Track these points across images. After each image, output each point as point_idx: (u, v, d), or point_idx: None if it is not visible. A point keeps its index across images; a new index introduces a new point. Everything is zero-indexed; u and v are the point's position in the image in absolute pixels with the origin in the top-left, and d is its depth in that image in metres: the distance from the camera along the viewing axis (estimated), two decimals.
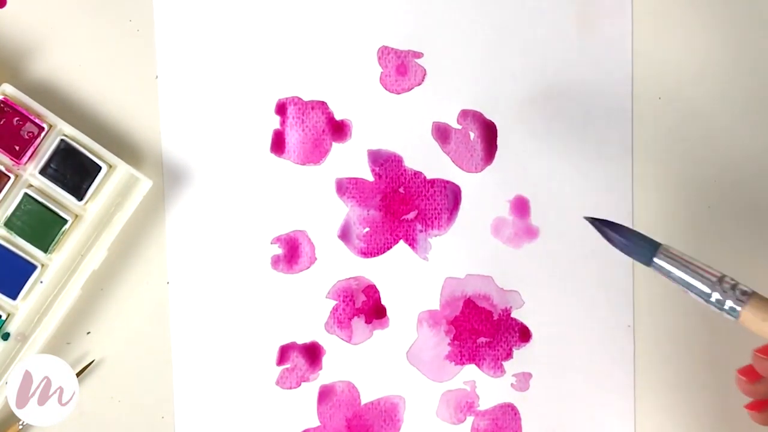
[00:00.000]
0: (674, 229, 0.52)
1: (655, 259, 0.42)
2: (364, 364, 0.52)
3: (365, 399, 0.52)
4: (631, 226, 0.52)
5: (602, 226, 0.44)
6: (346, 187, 0.51)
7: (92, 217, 0.49)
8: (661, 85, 0.52)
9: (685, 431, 0.52)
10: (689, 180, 0.52)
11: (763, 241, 0.53)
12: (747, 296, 0.41)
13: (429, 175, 0.51)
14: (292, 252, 0.51)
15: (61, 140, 0.48)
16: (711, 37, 0.52)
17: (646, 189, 0.52)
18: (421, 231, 0.51)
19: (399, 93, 0.51)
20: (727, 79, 0.52)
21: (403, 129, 0.51)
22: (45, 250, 0.49)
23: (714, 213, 0.53)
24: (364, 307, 0.52)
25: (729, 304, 0.41)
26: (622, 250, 0.43)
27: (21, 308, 0.49)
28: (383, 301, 0.52)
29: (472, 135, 0.51)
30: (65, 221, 0.48)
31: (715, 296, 0.41)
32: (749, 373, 0.42)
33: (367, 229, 0.51)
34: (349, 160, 0.51)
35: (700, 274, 0.42)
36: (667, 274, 0.42)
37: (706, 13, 0.52)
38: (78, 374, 0.50)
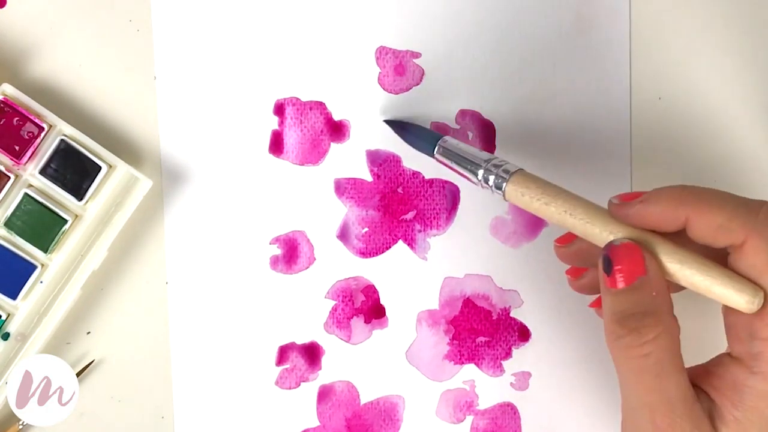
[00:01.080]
0: None
1: (435, 152, 0.47)
2: (363, 364, 0.52)
3: (365, 399, 0.52)
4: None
5: (397, 125, 0.50)
6: (345, 188, 0.51)
7: (92, 217, 0.49)
8: (661, 86, 0.52)
9: None
10: (689, 180, 0.52)
11: None
12: (510, 174, 0.44)
13: (427, 175, 0.51)
14: (290, 252, 0.51)
15: (61, 140, 0.48)
16: (711, 37, 0.52)
17: (645, 188, 0.52)
18: (419, 231, 0.52)
19: (397, 93, 0.51)
20: (727, 78, 0.52)
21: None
22: (45, 250, 0.49)
23: None
24: (363, 307, 0.52)
25: (492, 180, 0.44)
26: (410, 144, 0.49)
27: (21, 308, 0.49)
28: (382, 301, 0.52)
29: (470, 134, 0.51)
30: (65, 221, 0.49)
31: (480, 173, 0.45)
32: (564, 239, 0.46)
33: (366, 229, 0.51)
34: (348, 160, 0.51)
35: (471, 158, 0.46)
36: (447, 164, 0.47)
37: (705, 13, 0.52)
38: (78, 374, 0.50)
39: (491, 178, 0.44)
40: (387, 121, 0.50)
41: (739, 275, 0.39)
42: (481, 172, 0.45)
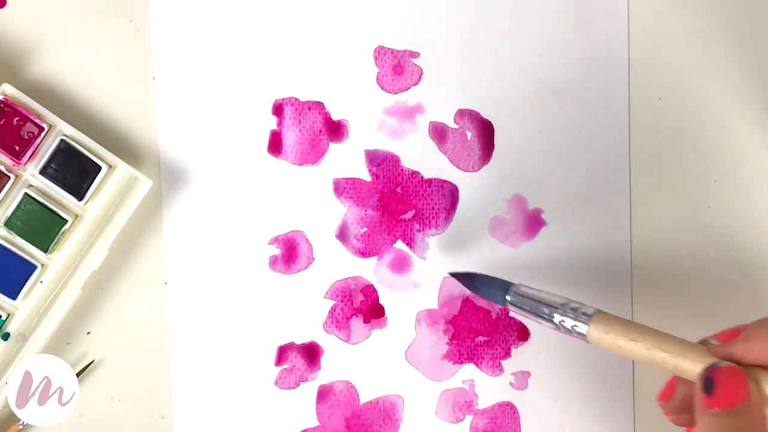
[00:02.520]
0: (674, 230, 0.52)
1: (507, 297, 0.46)
2: (362, 364, 0.52)
3: (364, 398, 0.52)
4: (629, 226, 0.52)
5: (464, 279, 0.49)
6: (344, 187, 0.51)
7: (92, 217, 0.49)
8: (660, 86, 0.52)
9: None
10: (689, 180, 0.52)
11: (763, 240, 0.53)
12: (589, 316, 0.43)
13: (426, 175, 0.52)
14: (290, 252, 0.51)
15: (61, 140, 0.48)
16: (710, 37, 0.52)
17: (644, 189, 0.52)
18: (418, 230, 0.52)
19: (396, 93, 0.51)
20: (726, 78, 0.52)
21: (400, 129, 0.51)
22: (45, 250, 0.49)
23: (714, 213, 0.52)
24: (362, 306, 0.52)
25: (572, 323, 0.44)
26: (482, 296, 0.49)
27: (21, 308, 0.49)
28: (381, 301, 0.52)
29: (469, 134, 0.52)
30: (65, 221, 0.49)
31: (558, 318, 0.44)
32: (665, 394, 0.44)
33: (365, 229, 0.51)
34: (346, 160, 0.51)
35: (546, 303, 0.45)
36: (521, 310, 0.46)
37: (705, 13, 0.52)
38: (78, 374, 0.50)
39: (568, 321, 0.44)
40: (453, 274, 0.50)
41: None
42: (558, 318, 0.44)
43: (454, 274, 0.49)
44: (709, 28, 0.52)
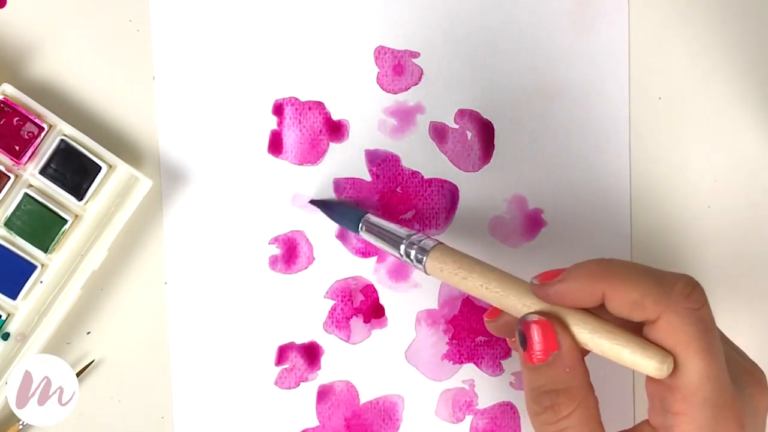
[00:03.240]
0: (674, 229, 0.52)
1: (359, 226, 0.49)
2: (362, 364, 0.52)
3: (364, 398, 0.52)
4: (629, 226, 0.52)
5: (321, 205, 0.51)
6: (344, 187, 0.51)
7: (92, 217, 0.49)
8: (660, 85, 0.52)
9: None
10: (689, 180, 0.52)
11: (763, 241, 0.53)
12: (428, 250, 0.46)
13: (426, 175, 0.52)
14: (290, 252, 0.51)
15: (61, 140, 0.48)
16: (710, 37, 0.52)
17: (644, 188, 0.52)
18: (418, 230, 0.52)
19: (396, 93, 0.51)
20: (726, 78, 0.52)
21: (400, 129, 0.51)
22: (45, 250, 0.49)
23: (714, 213, 0.52)
24: (362, 306, 0.52)
25: (414, 255, 0.46)
26: (338, 223, 0.51)
27: (21, 308, 0.49)
28: (381, 301, 0.52)
29: (469, 134, 0.52)
30: (65, 221, 0.49)
31: (402, 250, 0.47)
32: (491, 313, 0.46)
33: None
34: (347, 160, 0.51)
35: (393, 234, 0.48)
36: (374, 240, 0.49)
37: (705, 13, 0.52)
38: (78, 374, 0.50)
39: (412, 253, 0.46)
40: (313, 201, 0.51)
41: (649, 342, 0.40)
42: (402, 248, 0.47)
43: (314, 202, 0.51)
44: (709, 27, 0.52)
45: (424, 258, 0.45)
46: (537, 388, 0.41)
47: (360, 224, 0.49)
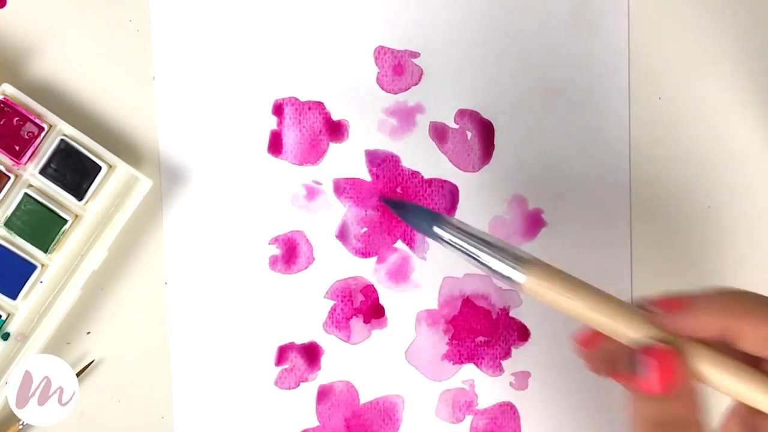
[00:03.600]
0: (673, 229, 0.52)
1: (435, 228, 0.42)
2: (362, 364, 0.52)
3: (364, 399, 0.52)
4: (629, 226, 0.52)
5: (393, 205, 0.47)
6: (344, 188, 0.51)
7: (92, 217, 0.49)
8: (660, 85, 0.52)
9: None
10: (689, 180, 0.52)
11: (763, 241, 0.53)
12: (528, 264, 0.40)
13: (426, 175, 0.52)
14: (290, 252, 0.51)
15: (61, 140, 0.48)
16: (710, 37, 0.52)
17: (644, 188, 0.52)
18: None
19: (396, 93, 0.51)
20: (726, 78, 0.52)
21: (400, 129, 0.51)
22: (45, 250, 0.49)
23: (714, 213, 0.52)
24: (362, 306, 0.52)
25: (506, 269, 0.40)
26: (409, 223, 0.46)
27: (21, 308, 0.49)
28: (381, 301, 0.52)
29: (469, 134, 0.52)
30: (65, 221, 0.49)
31: (491, 261, 0.41)
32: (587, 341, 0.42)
33: (365, 229, 0.51)
34: (347, 160, 0.51)
35: (479, 240, 0.41)
36: (450, 244, 0.42)
37: (704, 12, 0.52)
38: (78, 374, 0.50)
39: (503, 263, 0.41)
40: (385, 201, 0.49)
41: None
42: (488, 256, 0.41)
43: (386, 201, 0.49)
44: (709, 27, 0.52)
45: (520, 272, 0.40)
46: (653, 418, 0.38)
47: (436, 225, 0.42)
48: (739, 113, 0.52)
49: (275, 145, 0.51)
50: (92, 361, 0.51)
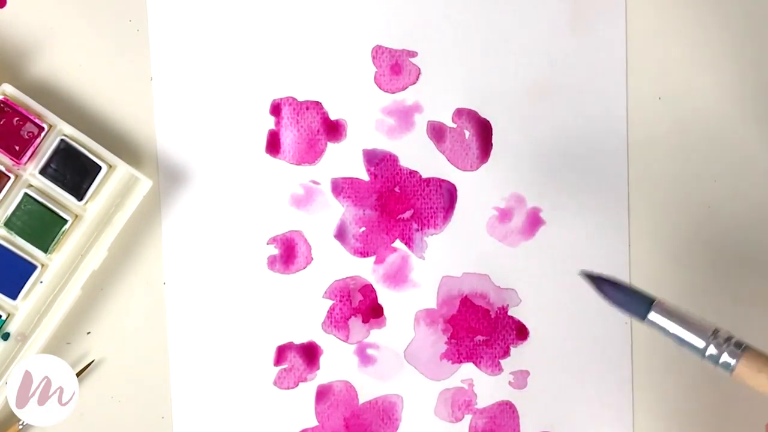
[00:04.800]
0: (673, 229, 0.52)
1: (650, 315, 0.42)
2: (361, 362, 0.52)
3: (363, 398, 0.52)
4: (628, 225, 0.52)
5: (598, 282, 0.43)
6: (342, 187, 0.51)
7: (92, 217, 0.50)
8: (660, 85, 0.52)
9: (683, 428, 0.52)
10: (689, 180, 0.52)
11: (763, 241, 0.52)
12: (740, 350, 0.41)
13: (424, 174, 0.52)
14: (288, 252, 0.51)
15: (61, 140, 0.49)
16: (709, 36, 0.52)
17: (643, 188, 0.52)
18: (417, 230, 0.52)
19: (393, 92, 0.51)
20: (726, 77, 0.52)
21: (398, 128, 0.51)
22: (45, 250, 0.49)
23: (714, 213, 0.52)
24: (360, 306, 0.52)
25: (723, 358, 0.41)
26: (616, 305, 0.43)
27: (21, 308, 0.49)
28: (380, 301, 0.52)
29: (467, 133, 0.52)
30: (65, 221, 0.49)
31: (710, 351, 0.41)
32: None
33: (363, 228, 0.52)
34: (345, 159, 0.51)
35: (694, 327, 0.41)
36: (662, 330, 0.42)
37: (703, 12, 0.52)
38: (78, 374, 0.50)
39: (720, 350, 0.41)
40: (587, 275, 0.43)
41: None
42: (704, 343, 0.41)
43: (586, 276, 0.43)
44: (708, 27, 0.52)
45: (736, 359, 0.40)
46: None
47: (651, 309, 0.42)
48: (738, 113, 0.52)
49: (273, 144, 0.51)
50: (92, 361, 0.51)
